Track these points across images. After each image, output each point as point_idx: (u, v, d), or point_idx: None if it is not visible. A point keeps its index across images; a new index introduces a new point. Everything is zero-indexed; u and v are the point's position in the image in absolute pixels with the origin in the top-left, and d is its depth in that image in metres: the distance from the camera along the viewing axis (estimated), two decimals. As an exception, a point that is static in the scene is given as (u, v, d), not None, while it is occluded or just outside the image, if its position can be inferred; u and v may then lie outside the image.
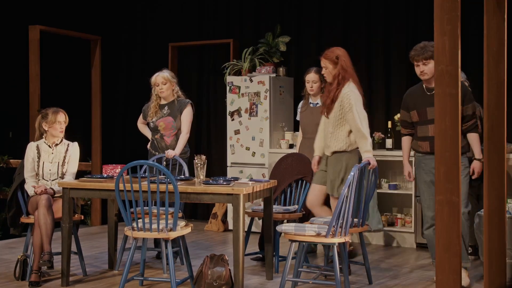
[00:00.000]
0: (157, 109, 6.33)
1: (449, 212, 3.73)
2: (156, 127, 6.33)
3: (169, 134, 6.33)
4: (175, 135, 6.33)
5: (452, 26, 3.71)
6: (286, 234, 4.78)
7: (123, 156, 8.97)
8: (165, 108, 6.33)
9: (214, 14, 8.82)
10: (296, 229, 4.73)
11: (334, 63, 5.26)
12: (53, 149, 5.69)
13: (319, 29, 8.12)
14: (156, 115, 6.33)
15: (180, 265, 5.99)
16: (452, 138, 3.73)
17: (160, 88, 6.29)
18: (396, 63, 7.68)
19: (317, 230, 4.68)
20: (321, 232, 4.66)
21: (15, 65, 8.87)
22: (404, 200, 7.26)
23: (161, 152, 6.31)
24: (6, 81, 9.00)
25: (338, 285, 4.64)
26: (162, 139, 6.34)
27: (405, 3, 7.61)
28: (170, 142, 6.32)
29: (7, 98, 8.99)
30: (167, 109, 6.32)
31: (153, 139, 6.41)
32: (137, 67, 9.33)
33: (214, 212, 8.20)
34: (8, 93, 8.99)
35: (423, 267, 6.07)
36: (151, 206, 5.40)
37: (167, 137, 6.33)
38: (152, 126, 6.36)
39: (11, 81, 9.00)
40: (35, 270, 5.32)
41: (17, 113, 8.64)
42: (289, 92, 7.97)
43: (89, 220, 8.64)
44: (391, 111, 7.59)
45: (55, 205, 5.47)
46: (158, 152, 6.33)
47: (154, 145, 6.39)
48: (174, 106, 6.33)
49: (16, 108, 8.75)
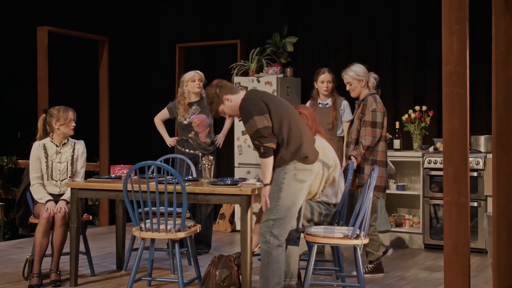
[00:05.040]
0: (187, 107, 6.40)
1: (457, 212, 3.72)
2: (189, 124, 6.40)
3: (203, 131, 6.46)
4: (209, 132, 6.46)
5: (460, 26, 3.70)
6: (313, 236, 4.72)
7: (130, 156, 8.99)
8: (194, 105, 6.43)
9: (221, 15, 8.83)
10: (325, 231, 4.72)
11: None
12: (60, 148, 5.61)
13: (326, 29, 8.11)
14: (187, 112, 6.40)
15: (188, 266, 5.99)
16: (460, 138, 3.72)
17: (198, 84, 6.43)
18: (403, 63, 7.66)
19: (345, 232, 4.67)
20: (348, 234, 4.66)
21: (24, 66, 8.91)
22: (412, 201, 7.24)
23: (200, 149, 6.41)
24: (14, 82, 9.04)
25: (363, 286, 4.65)
26: (197, 137, 6.42)
27: (412, 3, 7.59)
28: (205, 139, 6.41)
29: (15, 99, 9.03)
30: (196, 107, 6.42)
31: (187, 139, 6.45)
32: (144, 67, 9.34)
33: (221, 213, 8.20)
34: (16, 93, 9.03)
35: (431, 268, 6.06)
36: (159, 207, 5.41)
37: (202, 134, 6.44)
38: (185, 123, 6.42)
39: (19, 81, 9.04)
40: (35, 273, 5.30)
41: (26, 113, 8.68)
42: (296, 92, 7.96)
43: (97, 220, 8.66)
44: (398, 111, 7.57)
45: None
46: (195, 150, 6.40)
47: (190, 144, 6.44)
48: (203, 104, 6.42)
49: (25, 108, 8.80)
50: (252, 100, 4.49)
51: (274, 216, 4.47)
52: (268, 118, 4.42)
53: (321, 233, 4.70)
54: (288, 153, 4.47)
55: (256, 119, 4.40)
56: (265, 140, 4.39)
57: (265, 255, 4.48)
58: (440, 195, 6.70)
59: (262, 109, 4.43)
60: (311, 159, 4.56)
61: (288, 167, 4.48)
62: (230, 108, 4.61)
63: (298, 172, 4.50)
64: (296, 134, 4.50)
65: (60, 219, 5.34)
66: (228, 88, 4.63)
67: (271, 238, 4.46)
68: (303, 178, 4.52)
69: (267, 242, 4.46)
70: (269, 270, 4.46)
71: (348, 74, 5.78)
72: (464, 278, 3.70)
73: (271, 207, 4.47)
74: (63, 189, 5.57)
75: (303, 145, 4.50)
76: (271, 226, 4.47)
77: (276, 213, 4.47)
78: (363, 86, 5.75)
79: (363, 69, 5.80)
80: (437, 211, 6.87)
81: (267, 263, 4.47)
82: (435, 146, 7.06)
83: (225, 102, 4.60)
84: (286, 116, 4.51)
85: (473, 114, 6.88)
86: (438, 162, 6.75)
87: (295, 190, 4.49)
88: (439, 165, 6.70)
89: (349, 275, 5.26)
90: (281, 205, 4.46)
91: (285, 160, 4.47)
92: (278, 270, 4.47)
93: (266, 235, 4.47)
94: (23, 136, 8.81)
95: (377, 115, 5.59)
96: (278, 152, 4.47)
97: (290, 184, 4.48)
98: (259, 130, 4.38)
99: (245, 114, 4.47)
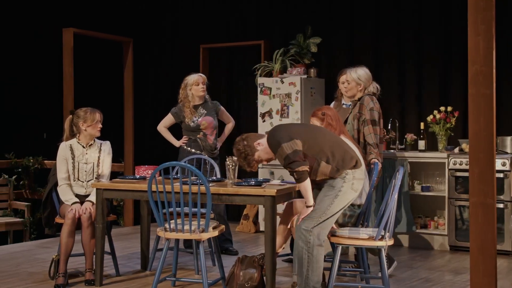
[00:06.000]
0: (193, 109, 6.41)
1: (483, 214, 3.69)
2: (197, 126, 6.41)
3: (211, 133, 6.47)
4: (215, 134, 6.49)
5: (486, 25, 3.67)
6: (338, 237, 4.69)
7: (154, 156, 9.03)
8: (200, 108, 6.42)
9: (245, 16, 8.84)
10: (350, 233, 4.71)
11: (321, 120, 5.26)
12: (86, 149, 5.64)
13: (350, 30, 8.09)
14: (193, 115, 6.41)
15: (212, 266, 6.01)
16: (487, 139, 3.68)
17: (202, 88, 6.41)
18: (428, 64, 7.62)
19: (370, 233, 4.66)
20: (373, 235, 4.64)
21: (49, 67, 9.00)
22: (437, 202, 7.18)
23: (206, 151, 6.41)
24: (40, 83, 9.13)
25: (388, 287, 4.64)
26: (206, 137, 6.43)
27: (437, 3, 7.54)
28: (213, 141, 6.44)
29: (41, 100, 9.12)
30: (202, 110, 6.42)
31: (195, 139, 6.46)
32: (168, 68, 9.39)
33: (245, 214, 8.21)
34: (42, 95, 9.12)
35: (457, 270, 6.01)
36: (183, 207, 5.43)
37: (210, 136, 6.44)
38: (193, 126, 6.42)
39: (45, 83, 9.14)
40: (61, 272, 5.35)
41: (51, 114, 8.76)
42: (320, 93, 7.94)
43: (122, 220, 8.72)
44: (423, 112, 7.53)
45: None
46: (202, 152, 6.42)
47: (198, 144, 6.44)
48: (208, 107, 6.46)
49: (50, 109, 8.88)
50: (276, 131, 4.64)
51: (320, 218, 4.55)
52: (296, 142, 4.52)
53: (346, 235, 4.69)
54: (339, 163, 4.58)
55: (284, 146, 4.51)
56: (295, 164, 4.50)
57: (304, 254, 4.55)
58: (466, 196, 6.65)
59: (289, 135, 4.54)
60: (359, 161, 4.70)
61: (348, 177, 4.61)
62: (264, 151, 4.72)
63: (356, 181, 4.64)
64: (335, 144, 4.64)
65: (86, 220, 5.38)
66: (253, 136, 4.78)
67: (312, 237, 4.54)
68: (358, 187, 4.65)
69: (308, 242, 4.54)
70: (309, 269, 4.54)
71: (351, 73, 5.80)
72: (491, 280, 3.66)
73: (321, 209, 4.56)
74: (89, 189, 5.61)
75: (347, 151, 4.65)
76: (314, 226, 4.55)
77: (323, 216, 4.55)
78: (360, 90, 5.79)
79: (366, 75, 5.81)
80: (462, 213, 6.81)
81: (307, 262, 4.54)
82: (461, 147, 7.00)
83: (257, 148, 4.72)
84: (317, 133, 4.67)
85: (499, 114, 6.80)
86: (464, 163, 6.69)
87: (349, 198, 4.63)
88: (465, 166, 6.65)
89: (374, 276, 5.24)
90: (331, 210, 4.57)
91: (339, 170, 4.58)
92: (318, 269, 4.55)
93: (306, 235, 4.54)
94: (49, 137, 8.89)
95: (375, 114, 5.60)
96: (330, 167, 4.56)
97: (347, 192, 4.61)
98: (288, 156, 4.50)
99: (274, 146, 4.58)
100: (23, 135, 9.01)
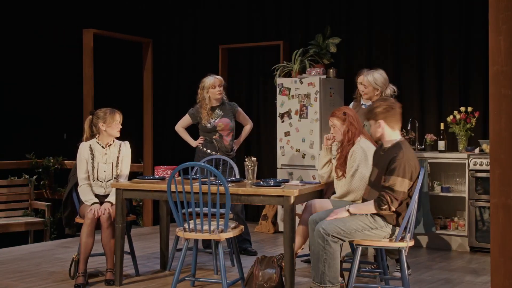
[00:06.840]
0: (210, 111, 6.42)
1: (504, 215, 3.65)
2: (214, 127, 6.42)
3: (227, 134, 6.47)
4: (232, 135, 6.49)
5: (508, 25, 3.63)
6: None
7: (173, 157, 9.07)
8: (217, 110, 6.43)
9: (263, 16, 8.84)
10: None
11: (342, 120, 5.23)
12: (106, 149, 5.66)
13: (370, 30, 8.06)
14: (210, 117, 6.42)
15: (231, 266, 6.02)
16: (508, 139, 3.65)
17: (218, 90, 6.41)
18: (448, 64, 7.57)
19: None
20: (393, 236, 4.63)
21: (69, 68, 9.07)
22: (457, 203, 7.14)
23: (221, 153, 6.41)
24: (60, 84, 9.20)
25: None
26: (222, 139, 6.44)
27: (458, 3, 7.49)
28: (229, 142, 6.44)
29: (61, 100, 9.19)
30: (219, 111, 6.43)
31: (211, 140, 6.47)
32: (187, 69, 9.42)
33: (264, 214, 8.21)
34: (62, 95, 9.19)
35: (477, 272, 5.97)
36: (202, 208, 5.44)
37: (226, 137, 6.44)
38: (210, 127, 6.43)
39: (65, 83, 9.20)
40: (81, 272, 5.38)
41: (71, 115, 8.82)
42: (339, 93, 7.93)
43: (141, 220, 8.76)
44: (443, 112, 7.49)
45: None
46: (217, 153, 6.43)
47: (213, 145, 6.46)
48: (226, 108, 6.47)
49: (70, 110, 8.94)
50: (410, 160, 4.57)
51: (342, 233, 4.59)
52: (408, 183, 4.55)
53: None
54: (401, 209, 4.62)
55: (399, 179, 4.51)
56: (393, 203, 4.52)
57: (321, 251, 4.58)
58: (486, 197, 6.60)
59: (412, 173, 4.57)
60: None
61: (387, 229, 4.65)
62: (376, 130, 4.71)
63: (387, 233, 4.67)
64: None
65: (106, 221, 5.41)
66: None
67: (329, 237, 4.57)
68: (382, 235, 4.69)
69: (325, 240, 4.57)
70: (326, 264, 4.57)
71: (367, 77, 5.83)
72: (512, 282, 3.63)
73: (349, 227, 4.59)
74: (108, 189, 5.64)
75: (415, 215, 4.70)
76: (335, 225, 4.58)
77: (345, 234, 4.60)
78: (377, 94, 5.82)
79: (383, 79, 5.81)
80: (482, 214, 6.76)
81: (324, 259, 4.57)
82: (481, 148, 6.95)
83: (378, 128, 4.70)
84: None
85: (521, 115, 6.74)
86: (484, 164, 6.65)
87: (373, 237, 4.66)
88: (485, 166, 6.60)
89: (393, 277, 5.22)
90: (355, 234, 4.61)
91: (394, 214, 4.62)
92: (335, 265, 4.59)
93: (323, 233, 4.57)
94: (69, 137, 8.95)
95: None
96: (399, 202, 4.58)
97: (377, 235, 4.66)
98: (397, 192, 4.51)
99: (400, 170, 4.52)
100: (43, 135, 9.08)
